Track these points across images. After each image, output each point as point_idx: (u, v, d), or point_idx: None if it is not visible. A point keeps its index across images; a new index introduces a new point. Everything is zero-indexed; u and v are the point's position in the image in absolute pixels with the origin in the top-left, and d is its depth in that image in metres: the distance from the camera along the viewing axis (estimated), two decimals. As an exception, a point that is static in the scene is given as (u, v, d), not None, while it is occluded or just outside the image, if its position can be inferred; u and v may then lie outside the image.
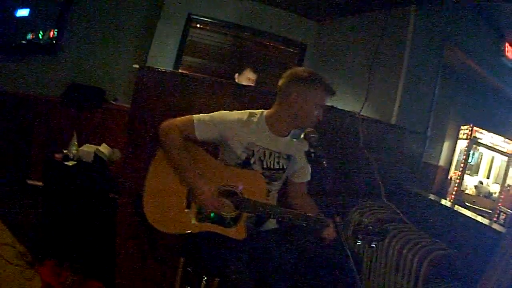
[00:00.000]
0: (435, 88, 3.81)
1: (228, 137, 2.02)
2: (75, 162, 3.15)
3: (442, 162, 5.52)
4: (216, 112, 2.04)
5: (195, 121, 1.97)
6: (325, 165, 1.80)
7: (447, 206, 3.28)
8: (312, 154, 1.85)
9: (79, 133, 3.41)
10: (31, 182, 4.57)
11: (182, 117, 1.99)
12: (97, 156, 3.22)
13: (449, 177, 6.07)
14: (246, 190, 1.98)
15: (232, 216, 1.97)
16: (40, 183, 4.50)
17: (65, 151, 3.25)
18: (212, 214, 1.96)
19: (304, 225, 1.95)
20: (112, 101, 4.75)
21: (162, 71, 2.85)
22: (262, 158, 2.06)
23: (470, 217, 2.67)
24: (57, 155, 3.23)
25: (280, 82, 2.08)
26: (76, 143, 3.24)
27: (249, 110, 2.12)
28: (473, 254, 2.25)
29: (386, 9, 3.89)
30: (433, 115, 3.82)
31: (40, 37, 4.84)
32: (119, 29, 4.98)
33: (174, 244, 2.23)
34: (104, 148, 3.29)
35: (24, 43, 4.82)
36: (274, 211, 1.97)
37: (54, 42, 4.78)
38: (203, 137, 1.99)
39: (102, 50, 4.94)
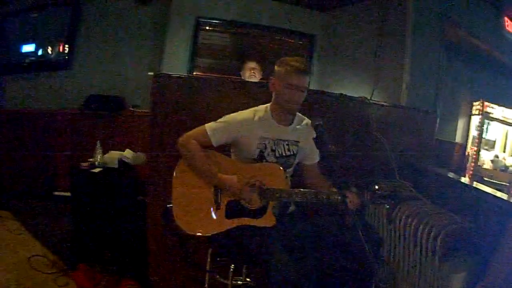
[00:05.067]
0: (440, 67, 3.85)
1: (240, 137, 2.17)
2: (101, 169, 3.24)
3: (458, 139, 5.55)
4: (224, 117, 2.17)
5: (208, 130, 2.11)
6: (332, 150, 1.92)
7: (464, 183, 3.30)
8: (319, 140, 1.98)
9: (102, 141, 3.46)
10: (58, 193, 4.67)
11: (195, 130, 2.13)
12: (121, 161, 3.33)
13: (466, 153, 6.08)
14: (267, 181, 2.12)
15: (260, 206, 2.10)
16: (67, 194, 4.65)
17: (90, 160, 3.35)
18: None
19: (326, 201, 2.06)
20: (131, 108, 4.86)
21: (175, 76, 2.94)
22: (273, 148, 2.21)
23: (488, 193, 2.60)
24: (83, 164, 3.32)
25: None
26: (100, 151, 3.32)
27: (253, 108, 2.26)
28: (490, 227, 2.27)
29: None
30: (441, 94, 3.88)
31: (50, 53, 4.96)
32: (130, 37, 5.08)
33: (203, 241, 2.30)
34: (128, 153, 3.39)
35: (35, 60, 4.95)
36: (297, 195, 2.09)
37: (67, 57, 4.93)
38: (219, 143, 2.14)
39: (115, 60, 5.04)
